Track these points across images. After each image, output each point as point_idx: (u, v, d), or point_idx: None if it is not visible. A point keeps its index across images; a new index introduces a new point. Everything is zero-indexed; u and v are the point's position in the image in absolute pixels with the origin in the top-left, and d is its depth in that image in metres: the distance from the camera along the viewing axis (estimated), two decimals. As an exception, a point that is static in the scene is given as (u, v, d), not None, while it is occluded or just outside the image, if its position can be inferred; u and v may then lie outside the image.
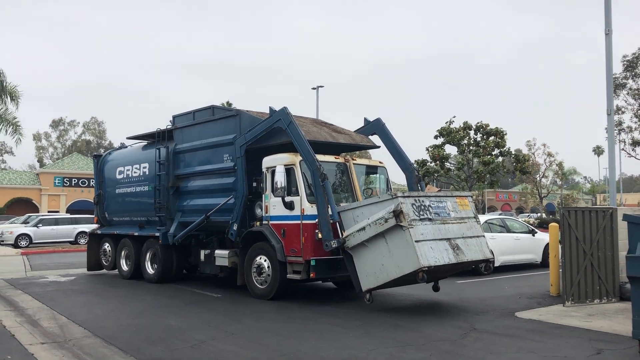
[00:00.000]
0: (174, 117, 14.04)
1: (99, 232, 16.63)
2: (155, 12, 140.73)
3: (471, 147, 33.86)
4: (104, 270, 16.50)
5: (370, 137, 12.67)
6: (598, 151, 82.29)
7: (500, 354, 6.86)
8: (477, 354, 6.88)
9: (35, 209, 50.36)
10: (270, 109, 11.25)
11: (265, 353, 7.04)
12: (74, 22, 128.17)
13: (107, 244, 16.17)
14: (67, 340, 7.87)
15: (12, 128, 19.43)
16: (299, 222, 10.48)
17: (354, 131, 12.79)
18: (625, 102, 33.50)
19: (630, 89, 33.10)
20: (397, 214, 8.97)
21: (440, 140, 34.01)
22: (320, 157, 10.59)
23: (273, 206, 11.02)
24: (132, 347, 7.38)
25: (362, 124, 12.81)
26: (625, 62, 32.50)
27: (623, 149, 35.27)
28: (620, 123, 33.45)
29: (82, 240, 28.86)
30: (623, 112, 33.59)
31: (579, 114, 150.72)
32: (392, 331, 8.21)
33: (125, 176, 15.48)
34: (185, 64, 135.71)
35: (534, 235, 16.88)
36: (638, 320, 6.42)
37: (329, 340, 7.70)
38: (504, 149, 33.41)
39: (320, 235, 10.04)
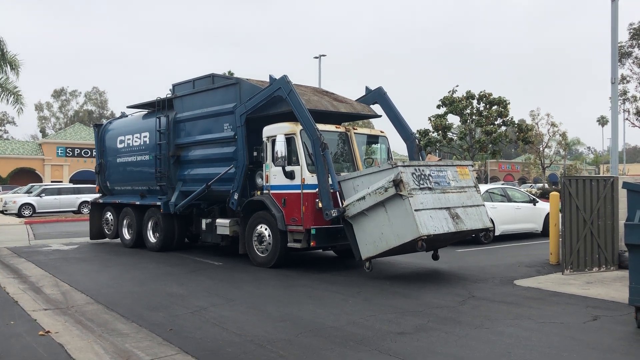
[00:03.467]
0: (174, 85, 13.94)
1: (101, 201, 16.70)
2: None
3: (474, 117, 33.67)
4: (107, 239, 16.65)
5: (371, 106, 12.58)
6: (602, 121, 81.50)
7: (498, 320, 6.93)
8: (474, 320, 6.95)
9: (39, 179, 50.56)
10: (270, 77, 11.12)
11: (264, 319, 7.12)
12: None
13: (109, 213, 16.26)
14: (69, 306, 7.97)
15: (14, 98, 19.38)
16: (299, 191, 10.49)
17: (355, 100, 12.70)
18: (631, 70, 33.18)
19: (636, 57, 32.71)
20: (397, 183, 8.97)
21: (442, 110, 33.81)
22: (321, 127, 10.54)
23: (274, 175, 11.01)
24: (133, 313, 7.48)
25: (363, 93, 12.71)
26: (631, 30, 32.04)
27: (627, 119, 35.12)
28: (624, 92, 33.22)
29: (85, 210, 29.03)
30: (628, 82, 33.32)
31: (584, 83, 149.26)
32: (390, 298, 8.28)
33: (126, 145, 15.45)
34: (188, 33, 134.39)
35: (535, 205, 16.87)
36: (635, 287, 6.45)
37: (328, 306, 7.78)
38: (507, 118, 33.22)
39: (320, 205, 10.06)
